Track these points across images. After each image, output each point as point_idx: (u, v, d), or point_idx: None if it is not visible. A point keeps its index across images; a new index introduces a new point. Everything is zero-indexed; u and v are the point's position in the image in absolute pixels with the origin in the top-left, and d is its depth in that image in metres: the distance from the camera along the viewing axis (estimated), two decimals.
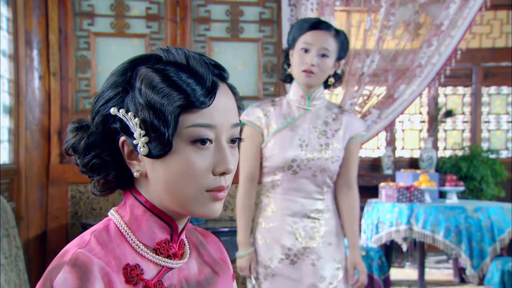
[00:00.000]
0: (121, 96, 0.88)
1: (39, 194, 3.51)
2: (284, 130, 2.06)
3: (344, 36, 2.08)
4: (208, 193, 0.89)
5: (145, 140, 0.86)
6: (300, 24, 2.06)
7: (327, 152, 2.06)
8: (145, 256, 0.91)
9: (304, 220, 2.06)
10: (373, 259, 4.58)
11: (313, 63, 1.96)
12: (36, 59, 3.49)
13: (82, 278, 0.80)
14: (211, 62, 0.90)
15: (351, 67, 3.70)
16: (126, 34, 3.67)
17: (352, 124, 2.13)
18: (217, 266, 1.06)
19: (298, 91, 2.07)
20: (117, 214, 0.93)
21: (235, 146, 0.93)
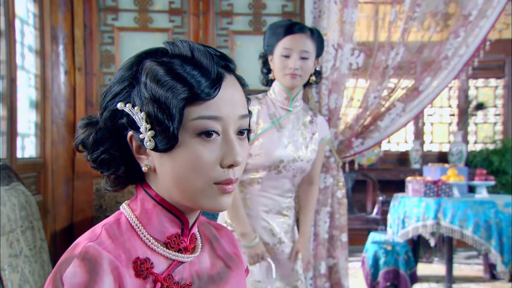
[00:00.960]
0: (127, 90, 0.89)
1: (65, 187, 3.57)
2: (272, 130, 2.10)
3: (318, 33, 2.14)
4: (217, 186, 0.88)
5: (151, 134, 0.85)
6: (274, 30, 2.10)
7: (307, 154, 2.15)
8: (155, 250, 0.91)
9: (278, 217, 2.16)
10: (399, 254, 4.53)
11: (296, 67, 2.02)
12: (62, 54, 3.55)
13: (91, 272, 0.81)
14: (217, 53, 0.90)
15: (375, 60, 3.64)
16: (149, 28, 3.69)
17: (323, 127, 2.25)
18: (230, 260, 1.06)
19: (283, 93, 2.11)
20: (128, 208, 0.93)
21: (244, 137, 0.92)
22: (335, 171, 3.53)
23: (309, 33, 2.07)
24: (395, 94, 3.68)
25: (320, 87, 3.55)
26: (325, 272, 3.51)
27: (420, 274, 4.89)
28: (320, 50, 2.13)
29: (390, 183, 6.08)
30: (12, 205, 2.28)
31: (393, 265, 4.56)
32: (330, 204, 3.51)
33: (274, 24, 2.13)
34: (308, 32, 2.07)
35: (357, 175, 5.84)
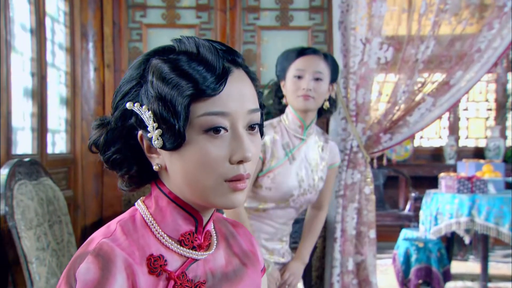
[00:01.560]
0: (136, 90, 0.88)
1: (95, 182, 3.63)
2: (285, 163, 2.03)
3: (332, 58, 2.07)
4: (227, 183, 0.87)
5: (159, 133, 0.85)
6: (287, 54, 2.05)
7: (315, 185, 2.10)
8: (169, 247, 0.90)
9: (277, 243, 2.13)
10: (431, 251, 4.46)
11: (309, 87, 1.95)
12: (92, 52, 3.61)
13: (104, 268, 0.81)
14: (223, 48, 0.88)
15: (404, 54, 3.57)
16: (176, 25, 3.72)
17: (333, 153, 2.19)
18: (246, 258, 1.05)
19: (297, 121, 2.04)
20: (143, 205, 0.93)
21: (255, 132, 0.91)
22: (362, 166, 3.49)
23: (322, 56, 2.02)
24: (425, 89, 3.61)
25: (348, 82, 3.51)
26: (353, 268, 3.48)
27: (454, 272, 4.80)
28: (334, 74, 2.06)
29: (423, 179, 5.98)
30: (39, 199, 2.34)
31: (425, 263, 4.49)
32: (357, 200, 3.47)
33: (286, 51, 2.09)
34: (321, 54, 2.02)
35: (389, 171, 5.77)
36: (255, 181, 2.04)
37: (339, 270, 3.44)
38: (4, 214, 2.12)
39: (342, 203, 3.47)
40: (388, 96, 3.61)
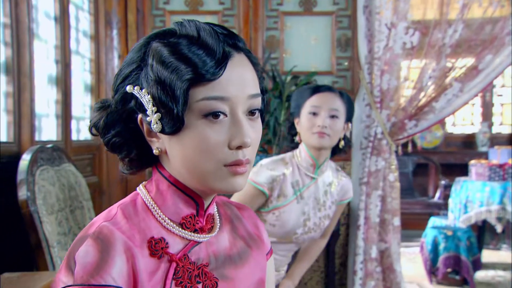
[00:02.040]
0: (136, 73, 0.88)
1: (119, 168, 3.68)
2: (292, 202, 1.99)
3: (347, 97, 2.02)
4: (227, 168, 0.86)
5: (158, 117, 0.85)
6: (302, 91, 2.00)
7: (321, 224, 2.06)
8: (170, 230, 0.90)
9: (275, 274, 2.06)
10: (460, 240, 4.38)
11: (325, 124, 1.90)
12: (116, 39, 3.64)
13: (103, 251, 0.81)
14: (224, 32, 0.88)
15: (431, 38, 3.49)
16: (199, 11, 3.71)
17: (344, 190, 2.14)
18: (252, 240, 1.05)
19: (309, 159, 2.00)
20: (144, 189, 0.94)
21: (255, 118, 0.90)
22: (387, 153, 3.44)
23: (338, 93, 1.98)
24: (452, 74, 3.52)
25: (372, 67, 3.46)
26: (376, 256, 3.44)
27: (486, 261, 4.72)
28: (350, 113, 2.01)
29: (454, 166, 5.87)
30: (61, 185, 2.38)
31: (453, 251, 4.42)
32: (381, 188, 3.43)
33: (301, 88, 2.05)
34: (337, 92, 1.98)
35: (418, 158, 5.68)
36: (260, 215, 2.00)
37: (362, 258, 3.42)
38: (26, 199, 2.16)
39: (366, 190, 3.44)
40: (413, 82, 3.55)
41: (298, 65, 3.55)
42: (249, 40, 3.67)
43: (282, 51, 3.69)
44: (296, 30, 3.66)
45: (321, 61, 3.69)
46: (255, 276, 1.02)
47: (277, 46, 3.69)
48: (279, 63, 3.68)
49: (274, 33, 3.69)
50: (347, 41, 3.68)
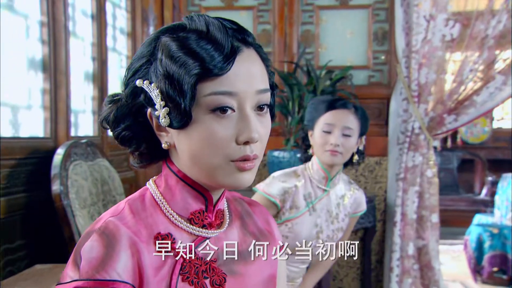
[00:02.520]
0: (146, 67, 0.88)
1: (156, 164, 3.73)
2: (304, 214, 1.99)
3: (362, 111, 2.01)
4: (234, 163, 0.86)
5: (166, 111, 0.85)
6: (316, 105, 2.00)
7: (334, 237, 2.06)
8: (178, 225, 0.91)
9: (289, 285, 2.07)
10: (507, 238, 4.25)
11: (337, 143, 1.92)
12: None
13: (108, 246, 0.82)
14: (234, 27, 0.87)
15: (472, 30, 3.38)
16: (234, 7, 3.72)
17: (357, 202, 2.13)
18: (262, 236, 1.04)
19: (321, 172, 2.01)
20: (154, 184, 0.94)
21: (264, 113, 0.89)
22: (424, 149, 3.37)
23: (353, 109, 1.98)
24: (495, 66, 3.41)
25: (410, 61, 3.38)
26: (414, 253, 3.38)
27: None
28: (364, 128, 2.01)
29: (502, 162, 5.69)
30: (94, 179, 2.44)
31: (500, 250, 4.29)
32: (419, 183, 3.36)
33: (316, 99, 2.06)
34: (352, 108, 1.98)
35: (464, 153, 5.53)
36: None
37: (398, 255, 3.36)
38: (59, 193, 2.22)
39: (402, 186, 3.37)
40: (453, 75, 3.45)
41: (334, 60, 3.51)
42: (284, 35, 3.66)
43: (317, 46, 3.66)
44: (332, 24, 3.62)
45: (357, 55, 3.63)
46: (265, 272, 1.01)
47: (312, 40, 3.65)
48: (314, 57, 3.65)
49: (309, 28, 3.65)
50: (384, 34, 3.61)
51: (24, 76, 2.48)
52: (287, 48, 3.67)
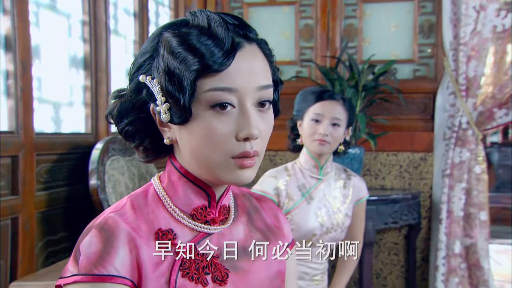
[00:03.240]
0: (149, 63, 0.88)
1: None
2: (302, 203, 2.04)
3: (349, 103, 2.07)
4: (234, 160, 0.85)
5: (167, 107, 0.85)
6: (306, 96, 2.06)
7: (339, 224, 2.08)
8: (180, 221, 0.91)
9: (310, 283, 2.09)
10: None
11: (326, 133, 1.98)
12: None
13: (106, 242, 0.83)
14: (236, 22, 0.86)
15: None
16: (277, 2, 3.69)
17: (357, 188, 2.17)
18: (270, 232, 1.04)
19: (310, 161, 2.07)
20: (158, 179, 0.94)
21: (266, 110, 0.88)
22: (473, 144, 3.25)
23: (341, 101, 2.04)
24: None
25: (458, 54, 3.27)
26: (460, 252, 3.27)
27: None
28: (351, 119, 2.07)
29: None
30: (131, 174, 2.49)
31: None
32: (466, 180, 3.25)
33: (305, 90, 2.10)
34: (340, 100, 2.04)
35: None
36: None
37: (444, 253, 3.26)
38: (96, 187, 2.29)
39: (449, 183, 3.27)
40: (505, 68, 3.31)
41: (377, 54, 3.42)
42: (327, 29, 3.60)
43: (360, 40, 3.58)
44: (376, 17, 3.53)
45: (402, 48, 3.53)
46: (272, 269, 1.00)
47: (355, 35, 3.58)
48: (357, 52, 3.57)
49: (353, 22, 3.58)
50: (430, 27, 3.49)
51: (66, 74, 2.56)
52: (330, 43, 3.61)
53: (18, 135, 2.15)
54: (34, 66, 2.26)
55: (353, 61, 3.24)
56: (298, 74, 3.64)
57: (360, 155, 3.21)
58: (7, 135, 2.12)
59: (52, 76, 2.45)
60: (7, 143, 2.09)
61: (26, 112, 2.18)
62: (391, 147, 3.52)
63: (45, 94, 2.41)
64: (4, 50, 2.13)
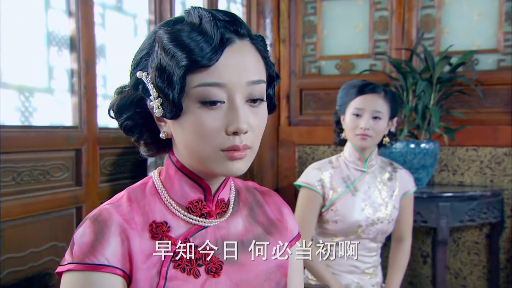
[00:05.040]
0: (145, 59, 0.92)
1: (271, 154, 3.79)
2: (346, 195, 2.04)
3: (392, 94, 2.02)
4: (224, 152, 0.87)
5: (159, 102, 0.88)
6: (347, 90, 2.05)
7: (387, 215, 2.06)
8: (176, 214, 0.94)
9: (362, 277, 2.08)
10: None
11: (367, 126, 1.98)
12: (268, 28, 3.74)
13: (98, 233, 0.87)
14: (226, 19, 0.87)
15: None
16: None
17: (404, 181, 2.15)
18: (273, 226, 1.05)
19: (355, 153, 2.08)
20: (157, 173, 0.98)
21: (258, 104, 0.89)
22: None
23: (382, 93, 2.02)
24: None
25: None
26: None
27: None
28: (394, 110, 2.06)
29: None
30: None
31: None
32: None
33: (347, 84, 2.09)
34: (381, 92, 2.03)
35: None
36: (322, 217, 2.07)
37: None
38: None
39: None
40: None
41: (457, 44, 3.23)
42: (402, 21, 3.45)
43: (438, 31, 3.39)
44: (456, 6, 3.32)
45: (485, 38, 3.30)
46: (271, 262, 1.00)
47: (433, 25, 3.40)
48: (435, 43, 3.39)
49: (430, 12, 3.40)
50: None
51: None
52: (405, 35, 3.47)
53: (81, 130, 2.29)
54: (99, 65, 2.39)
55: (427, 53, 3.09)
56: (372, 67, 3.54)
57: (434, 150, 3.06)
58: (71, 130, 2.26)
59: (118, 74, 2.57)
60: (71, 137, 2.23)
61: (89, 108, 2.32)
62: (471, 141, 3.33)
63: (110, 91, 2.54)
64: (69, 50, 2.28)
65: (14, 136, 1.99)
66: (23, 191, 2.04)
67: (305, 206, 2.06)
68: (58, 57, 2.23)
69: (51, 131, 2.18)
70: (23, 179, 2.03)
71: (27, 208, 2.04)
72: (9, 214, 1.96)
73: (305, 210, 2.06)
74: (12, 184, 1.99)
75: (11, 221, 1.98)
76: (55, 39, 2.22)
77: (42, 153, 2.12)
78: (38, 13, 2.15)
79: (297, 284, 1.11)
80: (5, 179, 1.96)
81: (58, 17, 2.22)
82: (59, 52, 2.23)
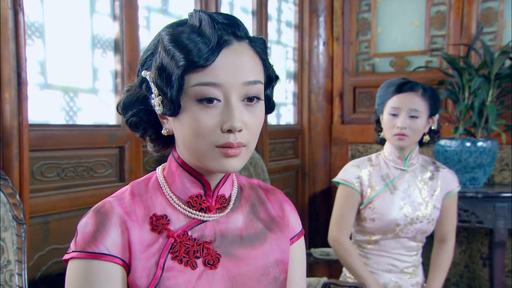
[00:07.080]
0: (150, 59, 0.98)
1: (323, 152, 3.76)
2: (385, 192, 2.01)
3: (431, 91, 1.95)
4: (218, 149, 0.91)
5: (160, 100, 0.93)
6: (385, 89, 2.01)
7: (427, 215, 2.01)
8: (176, 207, 0.99)
9: (401, 276, 2.05)
10: None
11: (404, 125, 1.97)
12: (321, 26, 3.71)
13: (99, 224, 0.94)
14: (225, 21, 0.92)
15: None
16: None
17: (447, 180, 2.11)
18: (274, 223, 1.08)
19: (394, 152, 2.07)
20: (161, 168, 1.05)
21: (254, 104, 0.93)
22: None
23: (420, 91, 1.99)
24: None
25: None
26: None
27: None
28: (433, 108, 2.01)
29: None
30: None
31: None
32: None
33: (386, 83, 2.05)
34: (419, 90, 1.99)
35: None
36: (360, 215, 2.06)
37: None
38: None
39: None
40: None
41: None
42: (461, 15, 3.31)
43: (500, 24, 3.22)
44: None
45: None
46: (270, 258, 1.04)
47: (494, 19, 3.23)
48: (497, 37, 3.22)
49: (492, 5, 3.23)
50: None
51: None
52: (464, 29, 3.32)
53: (124, 129, 2.38)
54: None
55: (486, 48, 2.95)
56: (428, 64, 3.42)
57: (492, 149, 2.92)
58: (114, 129, 2.36)
59: None
60: (115, 136, 2.33)
61: None
62: None
63: None
64: (113, 52, 2.37)
65: (58, 135, 2.10)
66: (67, 186, 2.15)
67: (343, 203, 2.06)
68: (103, 59, 2.33)
69: (94, 129, 2.28)
70: (67, 174, 2.15)
71: (71, 202, 2.15)
72: (54, 207, 2.07)
73: (343, 207, 2.06)
74: (56, 180, 2.10)
75: (55, 214, 2.09)
76: (99, 42, 2.32)
77: (85, 150, 2.23)
78: (84, 17, 2.25)
79: (298, 280, 1.13)
80: (50, 174, 2.07)
81: (103, 21, 2.32)
82: (103, 54, 2.33)
